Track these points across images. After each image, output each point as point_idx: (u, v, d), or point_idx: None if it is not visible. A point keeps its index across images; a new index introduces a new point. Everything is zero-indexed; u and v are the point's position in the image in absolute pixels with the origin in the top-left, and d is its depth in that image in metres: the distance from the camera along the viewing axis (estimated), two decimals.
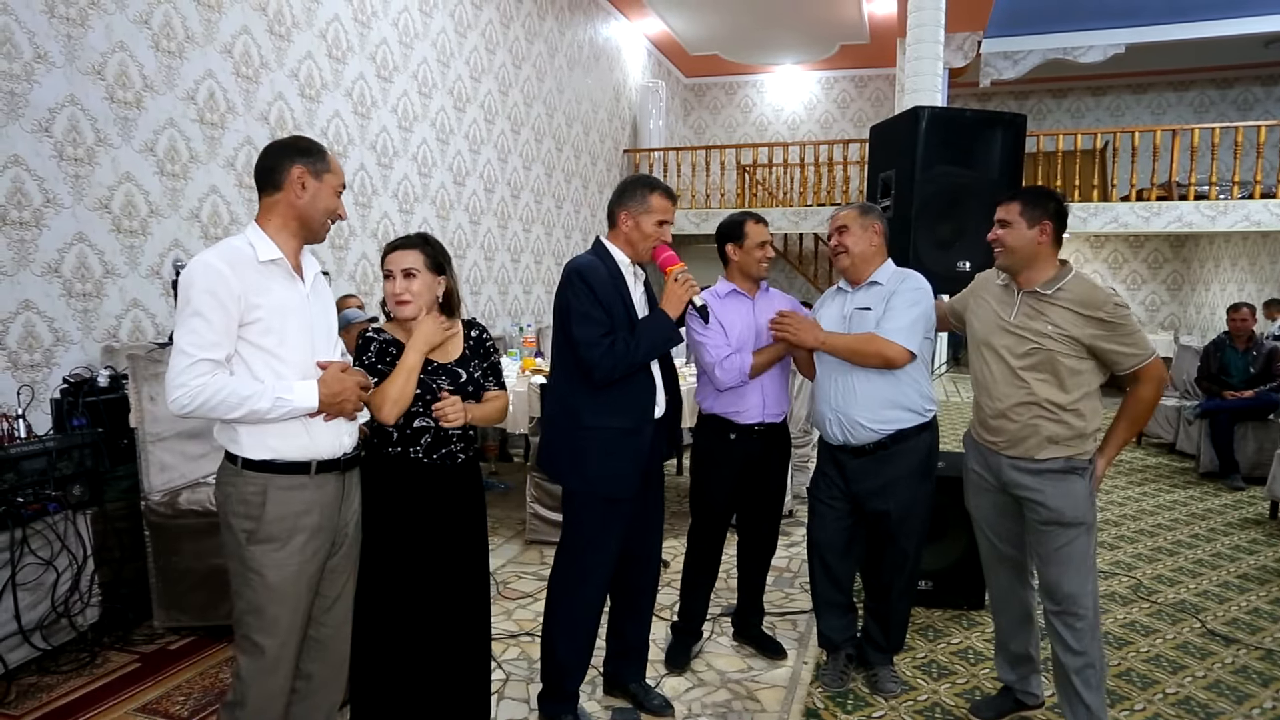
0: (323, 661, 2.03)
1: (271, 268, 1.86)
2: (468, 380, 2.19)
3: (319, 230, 1.95)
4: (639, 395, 2.39)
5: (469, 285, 7.20)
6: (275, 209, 1.89)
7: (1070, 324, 2.27)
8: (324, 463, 1.91)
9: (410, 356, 2.06)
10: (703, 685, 2.85)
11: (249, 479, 1.84)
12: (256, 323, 1.80)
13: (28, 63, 3.42)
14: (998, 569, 2.60)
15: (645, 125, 11.03)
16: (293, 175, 1.88)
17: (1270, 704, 2.76)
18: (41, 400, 3.34)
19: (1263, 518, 4.99)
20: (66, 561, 2.76)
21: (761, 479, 2.93)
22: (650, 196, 2.36)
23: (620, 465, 2.36)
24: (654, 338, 2.32)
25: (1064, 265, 2.37)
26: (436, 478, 2.16)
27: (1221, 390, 5.97)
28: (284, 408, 1.80)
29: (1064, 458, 2.31)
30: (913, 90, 7.44)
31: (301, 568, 1.87)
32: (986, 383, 2.44)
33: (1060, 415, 2.30)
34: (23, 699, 2.54)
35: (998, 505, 2.50)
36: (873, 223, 2.69)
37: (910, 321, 2.55)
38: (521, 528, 4.44)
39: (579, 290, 2.30)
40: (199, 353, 1.73)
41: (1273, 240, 9.68)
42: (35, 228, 3.48)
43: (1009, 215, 2.37)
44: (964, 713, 2.67)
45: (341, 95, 5.44)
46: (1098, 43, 10.14)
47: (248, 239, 1.86)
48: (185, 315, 1.76)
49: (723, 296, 2.94)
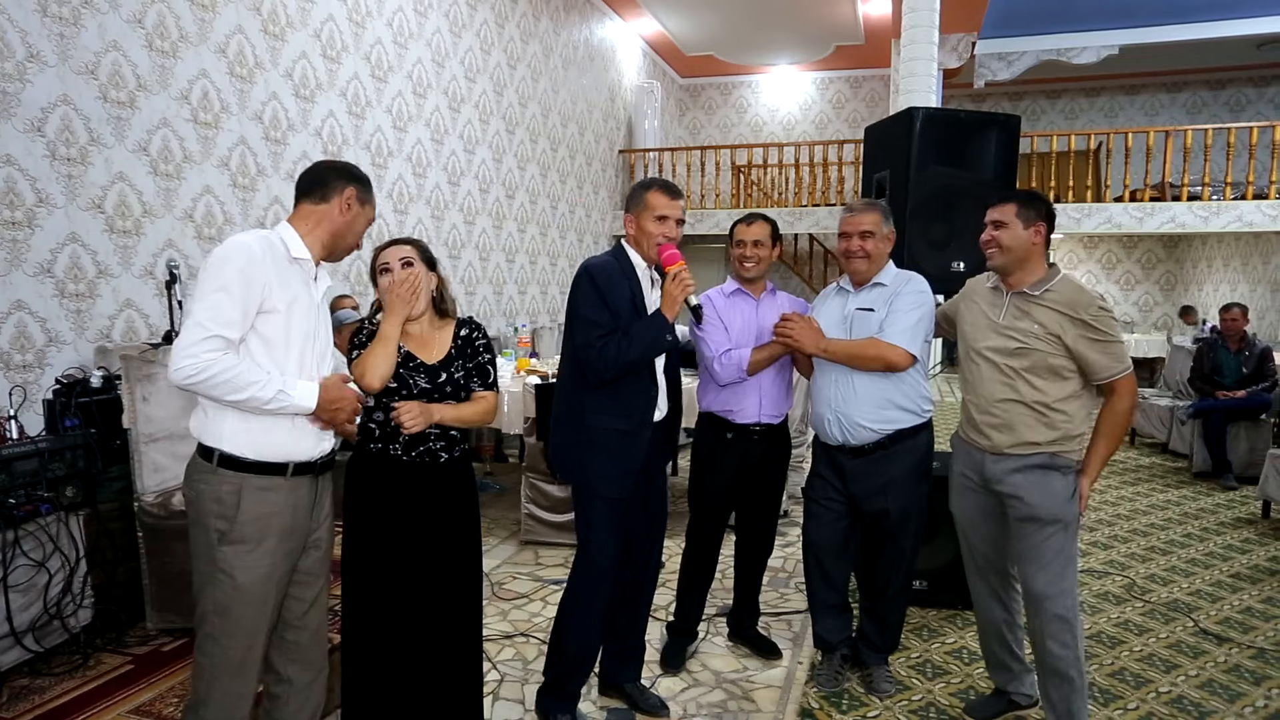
0: (301, 665, 2.03)
1: (297, 267, 1.89)
2: (446, 381, 2.17)
3: (343, 252, 2.02)
4: (637, 397, 2.40)
5: (464, 285, 7.19)
6: (313, 217, 1.94)
7: (1055, 324, 2.29)
8: (300, 465, 1.90)
9: (387, 325, 2.09)
10: (698, 685, 2.85)
11: (224, 477, 1.83)
12: (271, 313, 1.82)
13: (20, 62, 3.40)
14: (978, 574, 2.61)
15: (640, 125, 11.04)
16: (344, 194, 1.96)
17: (1263, 702, 2.77)
18: (34, 401, 3.32)
19: (1255, 517, 5.02)
20: (59, 563, 2.74)
21: (759, 480, 2.93)
22: (646, 194, 2.39)
23: (617, 465, 2.38)
24: (645, 339, 2.32)
25: (1053, 268, 2.39)
26: (418, 476, 2.16)
27: (1214, 390, 6.00)
28: (283, 402, 1.81)
29: (1047, 453, 2.33)
30: (907, 91, 7.45)
31: (272, 570, 1.86)
32: (975, 383, 2.45)
33: (1047, 415, 2.32)
34: (15, 701, 2.52)
35: (980, 507, 2.51)
36: (891, 231, 2.68)
37: (913, 324, 2.56)
38: (517, 528, 4.44)
39: (586, 291, 2.35)
40: (216, 328, 1.73)
41: (1265, 241, 9.72)
42: (28, 228, 3.47)
43: (1004, 216, 2.38)
44: (958, 712, 2.67)
45: (336, 95, 5.43)
46: (1091, 44, 10.18)
47: (280, 235, 1.89)
48: (209, 289, 1.75)
49: (727, 295, 2.94)
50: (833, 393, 2.65)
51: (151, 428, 3.05)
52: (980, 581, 2.60)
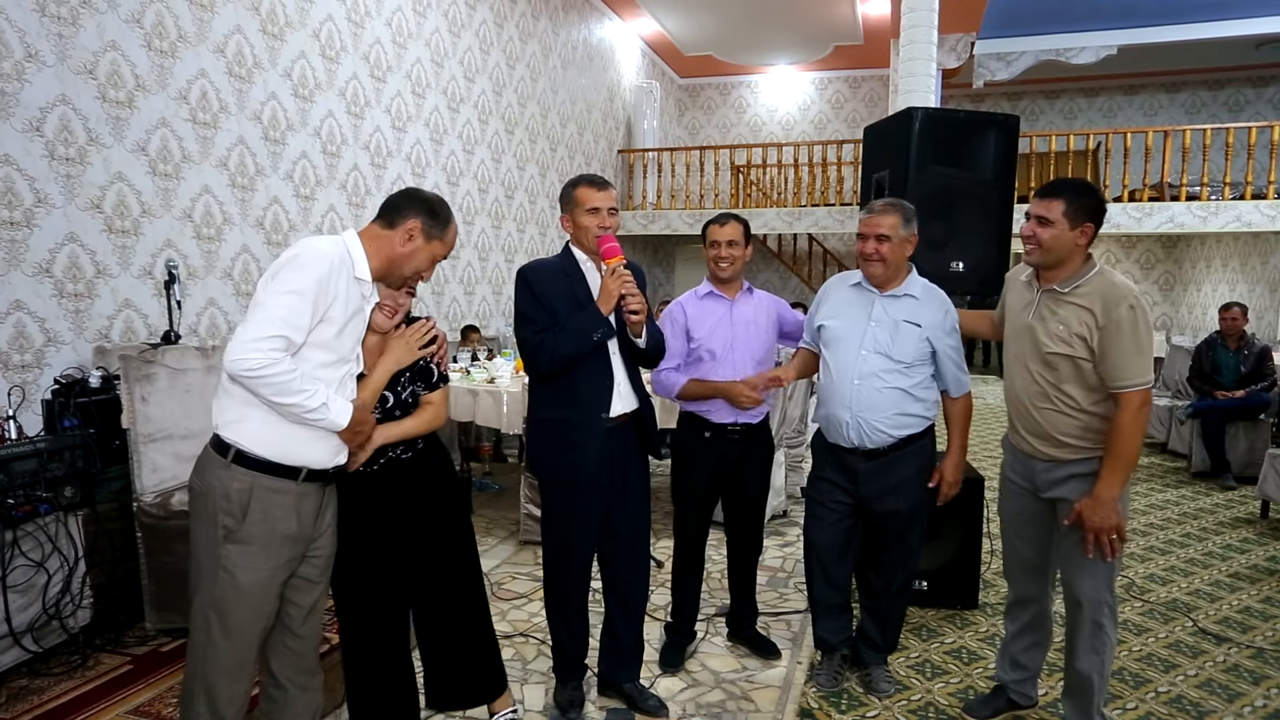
0: (298, 671, 2.03)
1: (357, 285, 1.90)
2: (395, 404, 2.13)
3: (398, 280, 2.02)
4: (590, 389, 2.42)
5: (463, 285, 7.20)
6: (378, 240, 1.95)
7: (1080, 323, 2.17)
8: (313, 472, 1.90)
9: (379, 374, 2.06)
10: (697, 685, 2.85)
11: (235, 474, 1.82)
12: (329, 324, 1.83)
13: (18, 62, 3.40)
14: (1018, 574, 2.55)
15: (639, 125, 11.04)
16: (408, 224, 1.95)
17: (1261, 702, 2.77)
18: (33, 401, 3.32)
19: (1254, 517, 5.02)
20: (58, 563, 2.74)
21: (741, 480, 2.93)
22: (574, 191, 2.45)
23: (566, 454, 2.43)
24: (577, 332, 2.35)
25: (1088, 260, 2.24)
26: (388, 479, 2.16)
27: (1213, 390, 6.00)
28: (322, 416, 1.81)
29: (1097, 458, 2.21)
30: (906, 91, 7.45)
31: (273, 575, 1.86)
32: (1012, 386, 2.40)
33: (1081, 415, 2.22)
34: (14, 701, 2.52)
35: (1026, 510, 2.45)
36: (912, 234, 2.58)
37: (960, 357, 2.65)
38: (515, 528, 4.44)
39: (519, 290, 2.46)
40: (285, 329, 1.73)
41: (1263, 241, 9.73)
42: (26, 227, 3.46)
43: (1050, 213, 2.20)
44: (957, 712, 2.67)
45: (335, 95, 5.42)
46: (1090, 44, 10.18)
47: (349, 250, 1.89)
48: (285, 289, 1.75)
49: (700, 298, 2.94)
50: (853, 396, 2.59)
51: (150, 428, 3.05)
52: (1020, 579, 2.55)
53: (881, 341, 2.58)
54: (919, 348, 2.57)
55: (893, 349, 2.57)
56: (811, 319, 2.80)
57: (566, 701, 2.61)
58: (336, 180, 5.48)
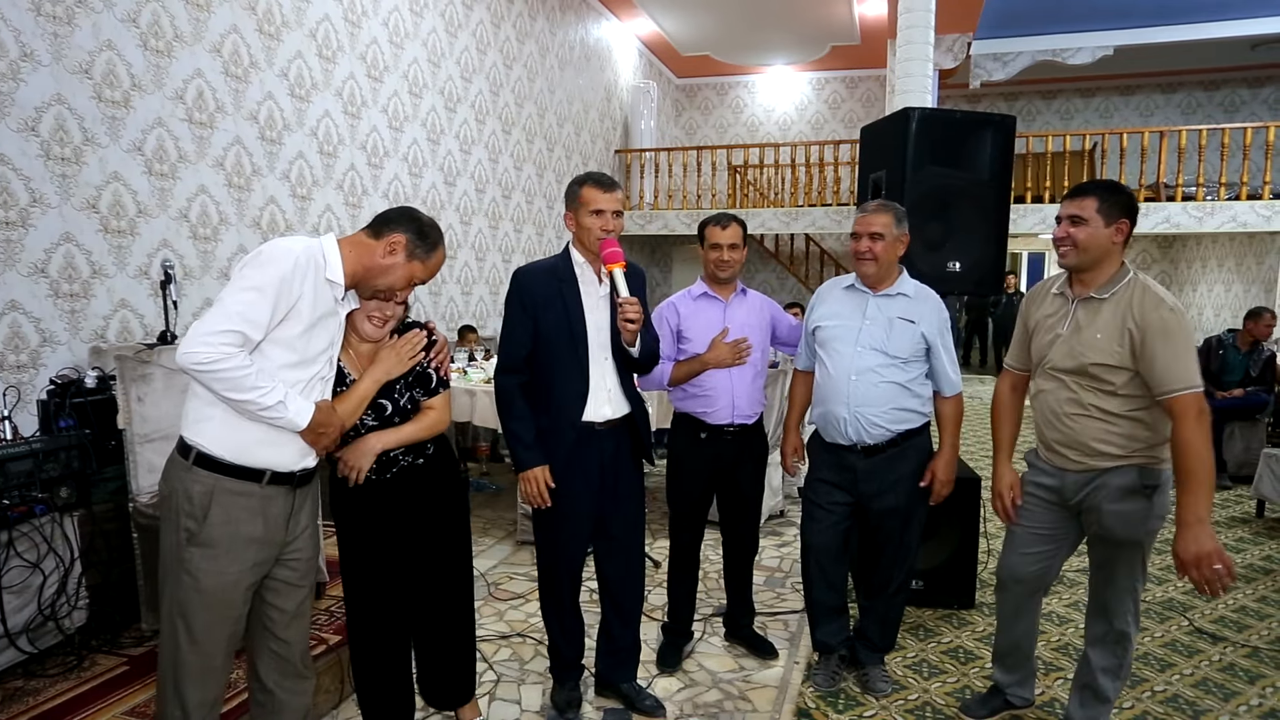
0: (284, 675, 2.01)
1: (329, 288, 1.88)
2: (394, 411, 2.12)
3: (369, 291, 2.00)
4: (559, 397, 2.42)
5: (460, 286, 7.19)
6: (359, 246, 1.94)
7: (1117, 331, 2.13)
8: (278, 474, 1.87)
9: (366, 384, 2.05)
10: (694, 686, 2.85)
11: (197, 476, 1.80)
12: (294, 322, 1.81)
13: (13, 61, 3.39)
14: (1016, 586, 2.49)
15: (636, 125, 11.04)
16: (394, 237, 1.94)
17: (1257, 701, 2.78)
18: (28, 401, 3.31)
19: (1249, 516, 5.03)
20: (53, 564, 2.73)
21: (736, 480, 2.93)
22: (580, 190, 2.41)
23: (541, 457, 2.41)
24: (517, 432, 2.40)
25: (1122, 267, 2.21)
26: (396, 485, 2.16)
27: (1213, 390, 6.00)
28: (279, 414, 1.78)
29: (1135, 466, 2.17)
30: (903, 91, 7.46)
31: (238, 579, 1.83)
32: (1044, 394, 2.34)
33: (1120, 421, 2.16)
34: (9, 703, 2.51)
35: (1043, 527, 2.40)
36: (904, 233, 2.63)
37: (953, 357, 2.67)
38: (513, 529, 4.43)
39: (509, 295, 2.47)
40: (241, 324, 1.71)
41: (1259, 241, 9.75)
42: (21, 227, 3.45)
43: (1083, 211, 2.17)
44: (954, 711, 2.68)
45: (331, 95, 5.42)
46: (1086, 45, 10.20)
47: (323, 250, 1.87)
48: (245, 285, 1.74)
49: (694, 299, 2.94)
50: (851, 392, 2.60)
51: (146, 428, 3.04)
52: (1017, 589, 2.50)
53: (877, 337, 2.60)
54: (914, 343, 2.59)
55: (888, 344, 2.58)
56: (807, 325, 2.81)
57: (564, 702, 2.61)
58: (333, 180, 5.47)
